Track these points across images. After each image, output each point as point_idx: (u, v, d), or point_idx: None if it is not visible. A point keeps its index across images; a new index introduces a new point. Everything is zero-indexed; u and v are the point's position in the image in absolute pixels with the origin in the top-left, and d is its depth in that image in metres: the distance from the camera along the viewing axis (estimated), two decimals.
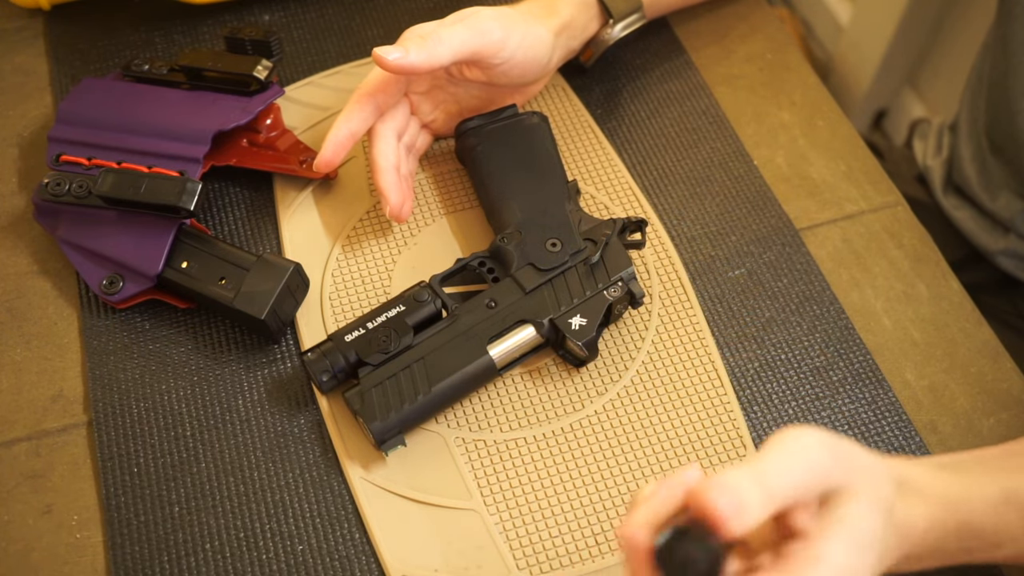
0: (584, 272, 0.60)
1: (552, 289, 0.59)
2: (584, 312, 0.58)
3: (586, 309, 0.58)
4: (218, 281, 0.59)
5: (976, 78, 0.84)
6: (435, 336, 0.57)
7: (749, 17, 0.80)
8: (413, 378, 0.56)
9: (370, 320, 0.57)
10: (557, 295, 0.59)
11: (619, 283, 0.59)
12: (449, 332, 0.57)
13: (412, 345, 0.57)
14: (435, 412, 0.57)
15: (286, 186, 0.68)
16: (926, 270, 0.66)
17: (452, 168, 0.69)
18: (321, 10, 0.78)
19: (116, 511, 0.55)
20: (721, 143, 0.72)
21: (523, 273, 0.60)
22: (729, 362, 0.62)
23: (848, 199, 0.70)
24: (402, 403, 0.55)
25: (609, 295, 0.59)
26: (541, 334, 0.58)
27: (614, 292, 0.59)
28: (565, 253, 0.60)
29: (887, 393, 0.61)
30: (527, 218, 0.62)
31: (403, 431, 0.56)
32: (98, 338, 0.61)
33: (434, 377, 0.56)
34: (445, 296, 0.59)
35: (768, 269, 0.66)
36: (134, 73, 0.67)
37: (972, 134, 0.84)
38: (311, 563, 0.54)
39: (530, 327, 0.58)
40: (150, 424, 0.58)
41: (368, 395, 0.55)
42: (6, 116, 0.72)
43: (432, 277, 0.60)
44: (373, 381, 0.56)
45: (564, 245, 0.60)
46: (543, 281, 0.59)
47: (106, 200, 0.60)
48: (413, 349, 0.57)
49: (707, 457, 0.58)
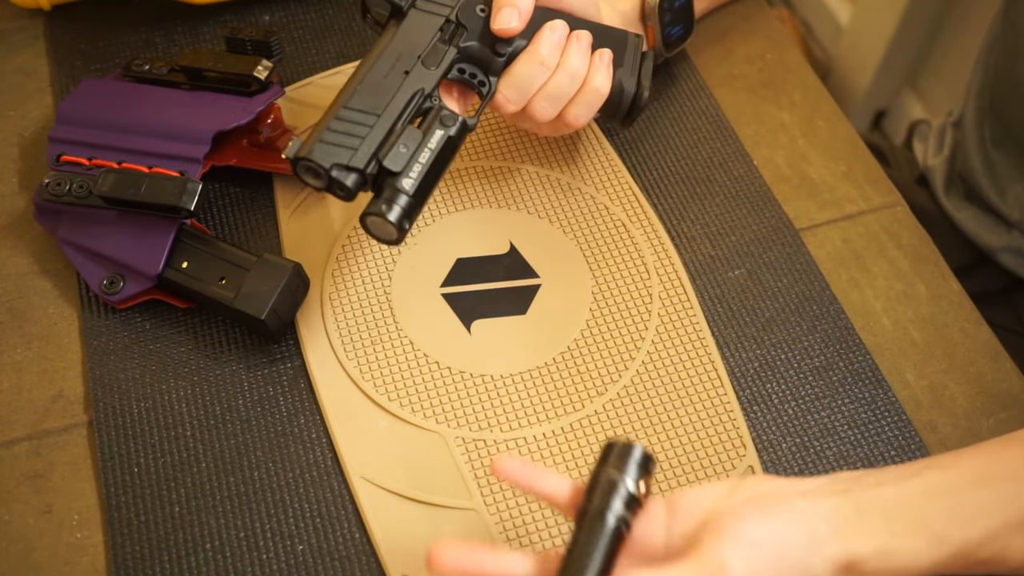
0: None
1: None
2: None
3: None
4: (218, 281, 0.59)
5: (982, 70, 0.84)
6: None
7: (749, 17, 0.80)
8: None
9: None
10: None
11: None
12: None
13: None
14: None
15: (286, 186, 0.68)
16: (926, 270, 0.67)
17: (453, 168, 0.69)
18: (321, 10, 0.78)
19: (116, 511, 0.55)
20: (721, 143, 0.72)
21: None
22: (729, 362, 0.62)
23: (848, 199, 0.70)
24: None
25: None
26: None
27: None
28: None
29: (887, 393, 0.61)
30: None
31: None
32: (98, 338, 0.61)
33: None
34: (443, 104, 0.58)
35: (768, 269, 0.66)
36: (134, 73, 0.67)
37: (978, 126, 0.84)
38: (311, 563, 0.54)
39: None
40: (150, 424, 0.58)
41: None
42: (6, 116, 0.72)
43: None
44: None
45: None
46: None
47: (106, 200, 0.60)
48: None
49: (707, 457, 0.58)
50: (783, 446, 0.59)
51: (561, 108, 0.61)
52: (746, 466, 0.58)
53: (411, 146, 0.55)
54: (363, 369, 0.60)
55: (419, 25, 0.59)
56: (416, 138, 0.55)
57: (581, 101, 0.61)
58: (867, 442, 0.59)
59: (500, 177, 0.69)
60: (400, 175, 0.54)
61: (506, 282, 0.64)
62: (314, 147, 0.54)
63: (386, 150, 0.55)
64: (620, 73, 0.63)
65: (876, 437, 0.59)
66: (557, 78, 0.60)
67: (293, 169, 0.55)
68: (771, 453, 0.58)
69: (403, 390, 0.59)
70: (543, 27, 0.60)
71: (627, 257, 0.66)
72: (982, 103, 0.83)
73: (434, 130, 0.56)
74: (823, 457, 0.58)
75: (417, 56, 0.58)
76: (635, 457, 0.46)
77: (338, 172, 0.54)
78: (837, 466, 0.58)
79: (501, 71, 0.61)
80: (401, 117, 0.56)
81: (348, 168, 0.54)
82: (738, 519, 0.45)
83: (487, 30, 0.60)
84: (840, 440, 0.59)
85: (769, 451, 0.58)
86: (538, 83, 0.60)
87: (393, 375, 0.60)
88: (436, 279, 0.64)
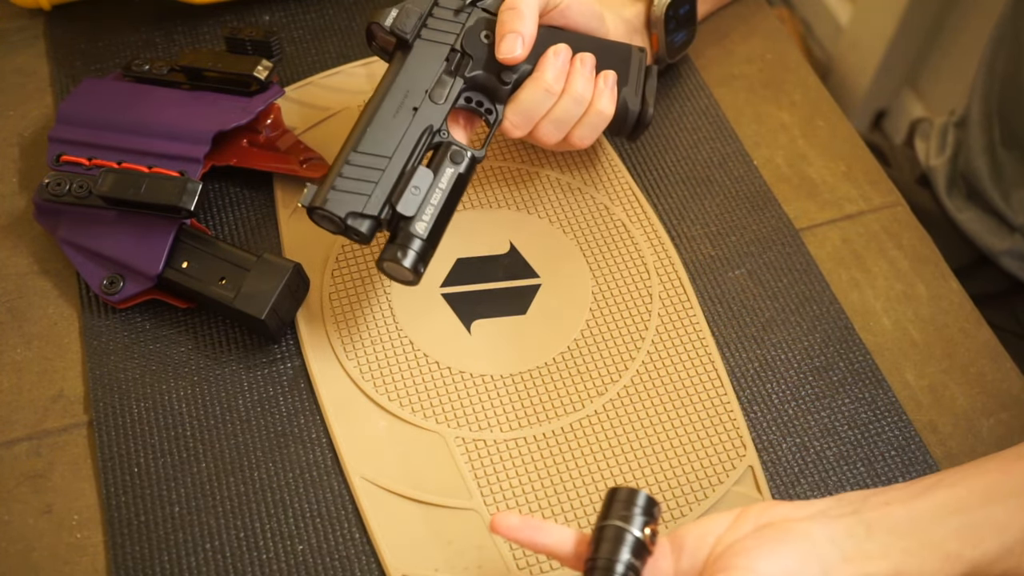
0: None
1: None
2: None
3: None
4: (218, 281, 0.59)
5: (987, 71, 0.83)
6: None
7: (749, 18, 0.80)
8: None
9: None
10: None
11: None
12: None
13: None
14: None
15: (286, 186, 0.68)
16: (926, 270, 0.66)
17: None
18: (321, 10, 0.78)
19: (116, 511, 0.55)
20: (721, 143, 0.72)
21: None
22: (729, 362, 0.62)
23: (848, 199, 0.70)
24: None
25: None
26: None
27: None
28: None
29: (887, 393, 0.61)
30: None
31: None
32: (98, 338, 0.61)
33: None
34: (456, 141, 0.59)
35: (768, 269, 0.66)
36: (134, 73, 0.67)
37: (984, 127, 0.83)
38: (311, 563, 0.54)
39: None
40: (150, 424, 0.58)
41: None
42: (7, 116, 0.72)
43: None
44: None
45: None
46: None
47: (106, 200, 0.60)
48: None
49: (707, 457, 0.58)
50: (783, 446, 0.59)
51: (567, 131, 0.62)
52: (746, 466, 0.58)
53: (423, 187, 0.56)
54: (363, 369, 0.60)
55: (425, 57, 0.59)
56: (427, 179, 0.56)
57: (586, 124, 0.62)
58: (867, 442, 0.59)
59: (500, 177, 0.69)
60: (413, 219, 0.55)
61: (506, 282, 0.64)
62: (328, 196, 0.55)
63: (398, 194, 0.55)
64: (625, 92, 0.64)
65: (876, 437, 0.59)
66: (563, 103, 0.60)
67: (309, 216, 0.56)
68: (771, 453, 0.58)
69: (403, 390, 0.59)
70: (547, 52, 0.60)
71: (627, 257, 0.66)
72: (988, 107, 0.83)
73: (444, 169, 0.57)
74: (823, 457, 0.58)
75: (425, 91, 0.58)
76: (640, 504, 0.45)
77: (353, 220, 0.55)
78: (837, 466, 0.58)
79: (507, 98, 0.61)
80: (411, 158, 0.57)
81: (363, 215, 0.55)
82: (746, 554, 0.44)
83: (492, 58, 0.60)
84: (840, 440, 0.59)
85: (769, 451, 0.58)
86: (544, 109, 0.60)
87: (393, 375, 0.60)
88: (436, 279, 0.64)
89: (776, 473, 0.58)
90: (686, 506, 0.56)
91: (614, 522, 0.44)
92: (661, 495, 0.56)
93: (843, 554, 0.45)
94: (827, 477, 0.58)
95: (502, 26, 0.59)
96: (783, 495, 0.57)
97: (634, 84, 0.64)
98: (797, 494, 0.57)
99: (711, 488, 0.57)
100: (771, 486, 0.57)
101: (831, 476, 0.58)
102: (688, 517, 0.56)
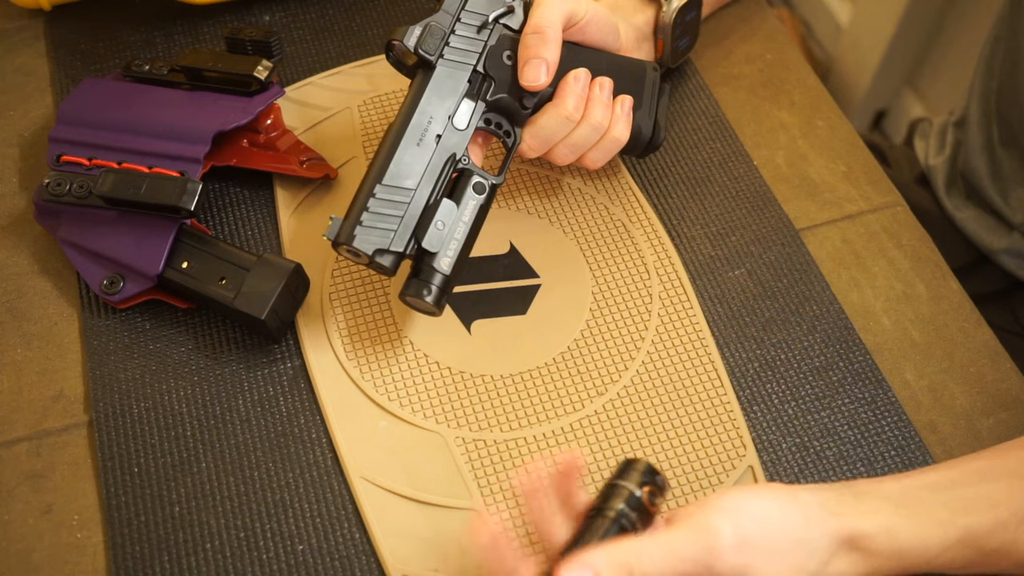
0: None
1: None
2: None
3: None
4: (218, 281, 0.59)
5: (985, 69, 0.83)
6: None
7: (749, 18, 0.80)
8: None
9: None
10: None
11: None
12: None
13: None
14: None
15: (286, 186, 0.68)
16: (925, 270, 0.67)
17: None
18: (321, 10, 0.78)
19: (116, 511, 0.55)
20: (721, 143, 0.72)
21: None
22: (729, 362, 0.62)
23: (848, 199, 0.70)
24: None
25: None
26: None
27: None
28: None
29: (887, 393, 0.61)
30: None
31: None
32: (98, 338, 0.61)
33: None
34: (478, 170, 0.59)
35: (768, 269, 0.66)
36: (134, 73, 0.67)
37: (982, 126, 0.83)
38: (311, 563, 0.54)
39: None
40: (150, 424, 0.58)
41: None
42: (7, 116, 0.72)
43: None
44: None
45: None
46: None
47: (107, 200, 0.60)
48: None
49: (707, 457, 0.58)
50: (783, 446, 0.59)
51: (581, 154, 0.63)
52: (746, 466, 0.58)
53: (447, 221, 0.56)
54: (363, 369, 0.60)
55: (448, 80, 0.59)
56: (451, 212, 0.57)
57: (601, 148, 0.62)
58: (867, 442, 0.59)
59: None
60: (438, 255, 0.56)
61: (506, 282, 0.64)
62: (355, 233, 0.55)
63: (423, 229, 0.56)
64: (639, 116, 0.64)
65: (876, 437, 0.59)
66: (580, 130, 0.61)
67: (333, 247, 0.56)
68: (771, 453, 0.58)
69: (403, 390, 0.59)
70: (567, 78, 0.60)
71: (627, 257, 0.66)
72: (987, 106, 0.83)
73: (467, 201, 0.58)
74: (823, 457, 0.58)
75: (447, 117, 0.58)
76: (639, 467, 0.46)
77: (379, 256, 0.55)
78: (837, 466, 0.58)
79: (525, 120, 0.61)
80: (435, 189, 0.57)
81: (389, 252, 0.55)
82: (730, 494, 0.45)
83: (515, 82, 0.60)
84: (840, 440, 0.59)
85: (769, 451, 0.58)
86: (562, 135, 0.61)
87: (393, 375, 0.60)
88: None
89: (776, 473, 0.58)
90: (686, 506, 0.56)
91: (615, 481, 0.46)
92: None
93: (829, 511, 0.46)
94: (827, 477, 0.58)
95: (526, 50, 0.59)
96: None
97: (647, 106, 0.65)
98: None
99: (711, 488, 0.57)
100: None
101: (831, 476, 0.58)
102: None
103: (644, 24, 0.69)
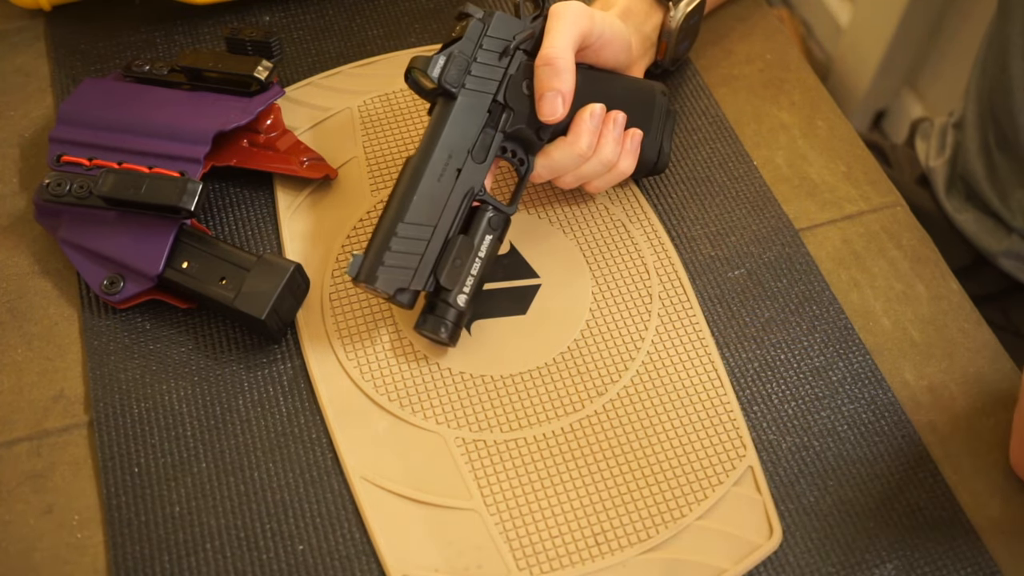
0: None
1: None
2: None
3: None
4: (218, 281, 0.59)
5: (980, 72, 0.84)
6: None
7: (748, 18, 0.80)
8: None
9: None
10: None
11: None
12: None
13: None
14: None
15: (286, 186, 0.68)
16: (925, 270, 0.67)
17: None
18: (321, 11, 0.78)
19: (117, 511, 0.55)
20: (721, 143, 0.72)
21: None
22: (729, 362, 0.62)
23: (848, 199, 0.70)
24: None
25: None
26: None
27: None
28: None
29: (886, 393, 0.61)
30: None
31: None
32: (99, 338, 0.61)
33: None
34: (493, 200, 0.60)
35: (768, 269, 0.66)
36: (135, 74, 0.68)
37: (979, 128, 0.84)
38: (311, 563, 0.54)
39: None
40: (151, 424, 0.58)
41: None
42: (7, 117, 0.72)
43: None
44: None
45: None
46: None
47: (107, 200, 0.60)
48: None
49: (707, 457, 0.58)
50: (783, 446, 0.59)
51: (586, 182, 0.64)
52: (746, 466, 0.58)
53: (464, 258, 0.58)
54: (363, 369, 0.60)
55: (469, 111, 0.59)
56: (468, 248, 0.58)
57: (606, 179, 0.64)
58: (867, 442, 0.59)
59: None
60: (453, 291, 0.57)
61: (506, 282, 0.64)
62: (378, 275, 0.56)
63: (441, 267, 0.57)
64: (646, 143, 0.65)
65: (876, 437, 0.59)
66: (590, 164, 0.62)
67: (353, 282, 0.57)
68: (771, 453, 0.58)
69: (403, 390, 0.59)
70: (583, 113, 0.61)
71: (627, 257, 0.66)
72: (982, 108, 0.83)
73: (484, 236, 0.59)
74: (823, 457, 0.58)
75: (467, 151, 0.59)
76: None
77: (400, 295, 0.57)
78: (837, 466, 0.58)
79: (539, 149, 0.62)
80: (454, 224, 0.58)
81: (408, 290, 0.57)
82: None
83: (533, 114, 0.61)
84: (840, 440, 0.59)
85: (769, 451, 0.59)
86: (573, 168, 0.62)
87: (393, 375, 0.60)
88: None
89: (776, 473, 0.58)
90: (686, 506, 0.56)
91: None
92: (661, 495, 0.56)
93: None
94: (827, 477, 0.58)
95: (540, 84, 0.60)
96: (783, 495, 0.57)
97: (654, 133, 0.65)
98: (797, 494, 0.57)
99: (711, 488, 0.57)
100: (771, 486, 0.57)
101: (831, 476, 0.58)
102: (688, 518, 0.56)
103: (652, 31, 0.70)
